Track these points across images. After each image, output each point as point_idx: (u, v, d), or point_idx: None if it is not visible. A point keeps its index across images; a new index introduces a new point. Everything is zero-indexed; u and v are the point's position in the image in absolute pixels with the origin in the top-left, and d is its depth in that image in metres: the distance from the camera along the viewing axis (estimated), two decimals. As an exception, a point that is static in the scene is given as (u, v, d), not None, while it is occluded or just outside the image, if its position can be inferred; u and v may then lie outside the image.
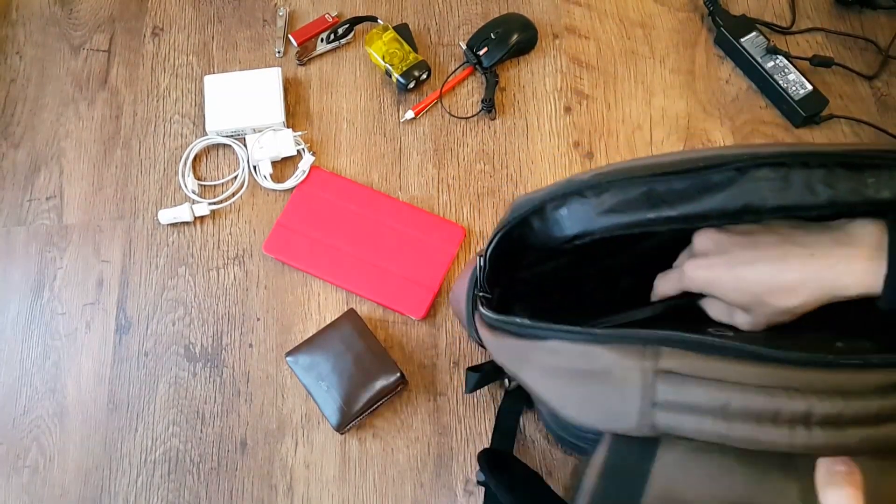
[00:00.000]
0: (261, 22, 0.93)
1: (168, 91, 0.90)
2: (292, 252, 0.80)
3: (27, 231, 0.84)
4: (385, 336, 0.78)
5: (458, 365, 0.77)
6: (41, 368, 0.78)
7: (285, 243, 0.80)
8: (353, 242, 0.80)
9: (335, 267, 0.79)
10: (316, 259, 0.79)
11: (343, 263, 0.79)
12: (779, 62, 0.86)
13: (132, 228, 0.84)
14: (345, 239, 0.80)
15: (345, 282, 0.79)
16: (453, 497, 0.72)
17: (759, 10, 0.92)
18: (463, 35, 0.92)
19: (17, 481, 0.74)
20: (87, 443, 0.75)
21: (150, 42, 0.93)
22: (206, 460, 0.74)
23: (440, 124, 0.87)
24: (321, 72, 0.90)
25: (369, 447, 0.74)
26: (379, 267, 0.79)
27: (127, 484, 0.74)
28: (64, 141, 0.88)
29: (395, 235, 0.80)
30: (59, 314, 0.80)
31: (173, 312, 0.80)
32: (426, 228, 0.80)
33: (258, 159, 0.84)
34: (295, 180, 0.83)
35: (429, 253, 0.79)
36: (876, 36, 0.90)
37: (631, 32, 0.91)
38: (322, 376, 0.72)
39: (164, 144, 0.87)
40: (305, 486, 0.73)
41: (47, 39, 0.93)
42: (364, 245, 0.80)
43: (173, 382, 0.77)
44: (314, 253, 0.80)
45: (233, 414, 0.76)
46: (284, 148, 0.84)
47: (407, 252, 0.79)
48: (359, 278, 0.79)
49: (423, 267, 0.78)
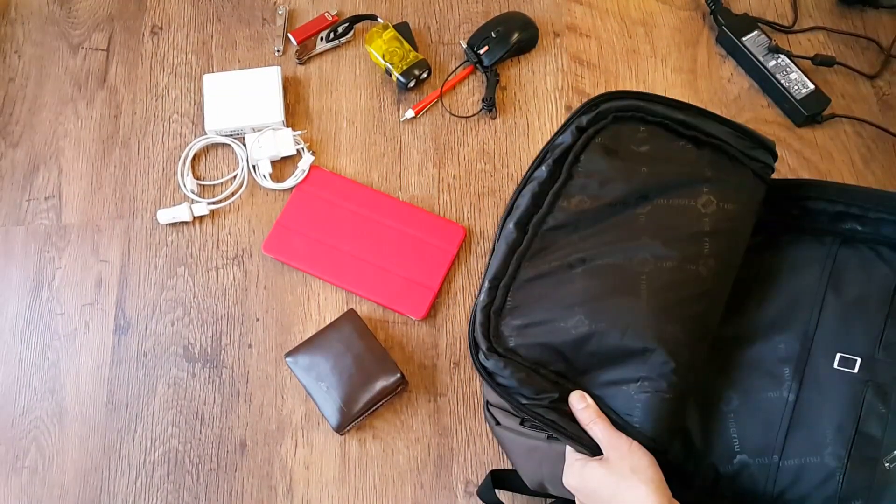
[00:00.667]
0: (260, 20, 0.93)
1: (167, 90, 0.90)
2: (292, 252, 0.79)
3: (26, 231, 0.84)
4: (385, 336, 0.78)
5: (459, 366, 0.76)
6: (40, 369, 0.78)
7: (285, 243, 0.80)
8: (353, 242, 0.79)
9: (335, 267, 0.79)
10: (316, 259, 0.79)
11: (343, 263, 0.79)
12: (781, 61, 0.85)
13: (131, 228, 0.83)
14: (345, 238, 0.80)
15: (345, 282, 0.78)
16: (453, 498, 0.72)
17: (761, 9, 0.92)
18: (463, 34, 0.91)
19: (16, 482, 0.74)
20: (86, 443, 0.75)
21: (148, 41, 0.93)
22: (205, 461, 0.74)
23: (441, 123, 0.87)
24: (321, 71, 0.90)
25: (369, 448, 0.74)
26: (379, 267, 0.78)
27: (126, 485, 0.73)
28: (63, 140, 0.88)
29: (395, 235, 0.79)
30: (57, 314, 0.80)
31: (172, 313, 0.79)
32: (426, 228, 0.80)
33: (257, 159, 0.83)
34: (294, 180, 0.83)
35: (429, 253, 0.79)
36: (878, 35, 0.89)
37: (632, 31, 0.91)
38: (322, 377, 0.71)
39: (163, 144, 0.87)
40: (305, 487, 0.73)
41: (46, 38, 0.93)
42: (364, 245, 0.79)
43: (172, 383, 0.77)
44: (314, 253, 0.79)
45: (232, 415, 0.75)
46: (284, 147, 0.84)
47: (407, 252, 0.79)
48: (359, 278, 0.78)
49: (424, 267, 0.78)
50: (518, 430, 0.61)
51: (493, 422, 0.65)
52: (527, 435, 0.61)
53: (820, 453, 0.54)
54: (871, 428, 0.53)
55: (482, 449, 0.73)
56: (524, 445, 0.62)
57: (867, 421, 0.53)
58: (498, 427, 0.64)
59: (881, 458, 0.52)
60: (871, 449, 0.53)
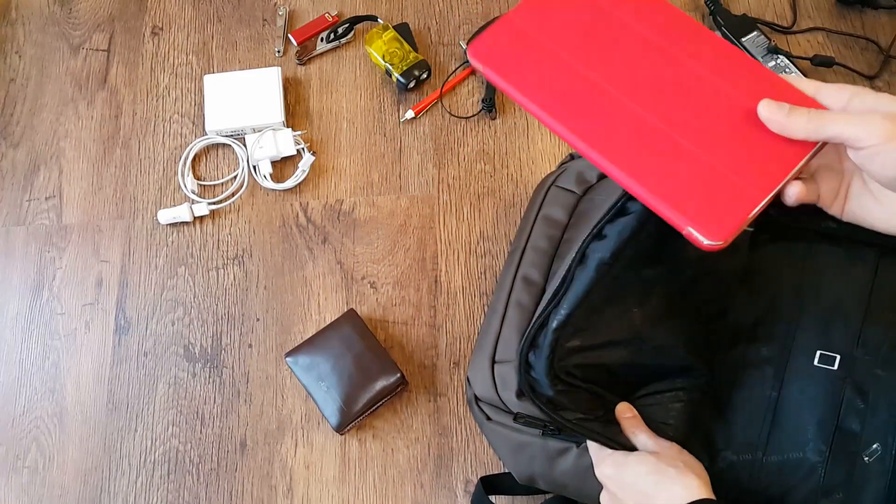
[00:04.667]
0: (260, 21, 0.93)
1: (167, 90, 0.90)
2: (519, 69, 0.45)
3: (26, 231, 0.84)
4: (385, 336, 0.78)
5: (459, 365, 0.76)
6: (40, 368, 0.78)
7: (510, 52, 0.45)
8: (634, 90, 0.44)
9: (591, 117, 0.43)
10: (559, 95, 0.44)
11: (606, 115, 0.43)
12: (780, 62, 0.85)
13: (131, 228, 0.83)
14: (620, 80, 0.44)
15: (603, 147, 0.43)
16: (453, 498, 0.72)
17: (760, 10, 0.92)
18: (463, 34, 0.91)
19: (17, 481, 0.74)
20: (87, 443, 0.75)
21: (149, 41, 0.93)
22: (205, 461, 0.74)
23: (440, 124, 0.87)
24: (321, 71, 0.90)
25: (369, 448, 0.74)
26: (672, 141, 0.43)
27: (126, 484, 0.74)
28: (63, 140, 0.88)
29: (712, 97, 0.44)
30: (58, 314, 0.80)
31: (173, 312, 0.79)
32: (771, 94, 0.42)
33: (258, 159, 0.84)
34: (294, 180, 0.83)
35: (764, 144, 0.42)
36: (877, 35, 0.89)
37: (632, 32, 0.91)
38: (322, 377, 0.72)
39: (163, 144, 0.87)
40: (305, 487, 0.73)
41: (47, 39, 0.93)
42: (653, 99, 0.44)
43: (173, 383, 0.77)
44: (559, 85, 0.44)
45: (232, 414, 0.76)
46: (284, 147, 0.84)
47: (727, 131, 0.43)
48: (631, 148, 0.43)
49: (749, 164, 0.42)
50: (510, 426, 0.62)
51: (484, 417, 0.65)
52: (520, 431, 0.61)
53: (802, 449, 0.55)
54: (850, 423, 0.54)
55: (482, 449, 0.73)
56: (516, 441, 0.62)
57: (847, 416, 0.54)
58: (489, 423, 0.64)
59: (860, 453, 0.53)
60: (850, 444, 0.54)
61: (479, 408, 0.65)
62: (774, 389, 0.57)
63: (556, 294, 0.53)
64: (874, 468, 0.53)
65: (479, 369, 0.64)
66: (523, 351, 0.54)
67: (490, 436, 0.66)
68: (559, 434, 0.60)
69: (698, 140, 0.43)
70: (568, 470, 0.62)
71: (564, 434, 0.60)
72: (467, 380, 0.67)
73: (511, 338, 0.64)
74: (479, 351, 0.66)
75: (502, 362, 0.63)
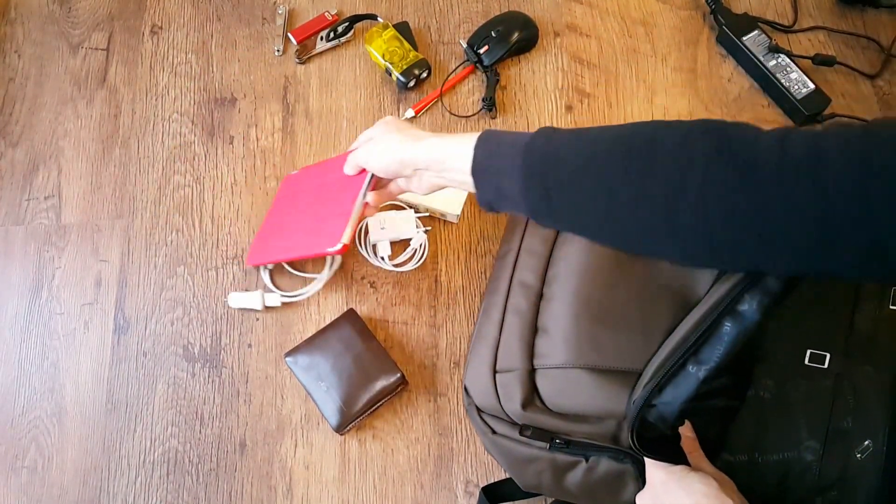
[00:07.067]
0: (260, 20, 0.93)
1: (167, 90, 0.89)
2: (262, 254, 0.76)
3: (25, 230, 0.84)
4: (385, 336, 0.77)
5: (459, 365, 0.76)
6: (39, 368, 0.78)
7: (256, 250, 0.78)
8: (286, 221, 0.76)
9: (284, 238, 0.75)
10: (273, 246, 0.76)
11: (281, 240, 0.75)
12: (781, 61, 0.85)
13: (131, 228, 0.83)
14: (283, 220, 0.77)
15: (279, 253, 0.74)
16: (453, 498, 0.72)
17: (761, 9, 0.91)
18: (463, 33, 0.91)
19: (16, 481, 0.74)
20: (86, 443, 0.75)
21: (148, 40, 0.92)
22: (204, 461, 0.74)
23: (441, 123, 0.87)
24: (321, 70, 0.90)
25: (369, 448, 0.74)
26: (301, 226, 0.73)
27: (126, 484, 0.73)
28: (62, 140, 0.88)
29: (312, 193, 0.75)
30: (57, 314, 0.80)
31: (172, 312, 0.79)
32: (333, 170, 0.73)
33: (378, 239, 0.80)
34: (413, 264, 0.79)
35: (343, 189, 0.69)
36: (878, 34, 0.89)
37: (632, 30, 0.91)
38: (321, 377, 0.71)
39: (162, 143, 0.87)
40: (305, 487, 0.73)
41: (46, 38, 0.93)
42: (293, 216, 0.75)
43: (172, 383, 0.77)
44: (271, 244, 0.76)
45: (232, 414, 0.75)
46: (405, 231, 0.80)
47: (321, 199, 0.72)
48: (286, 244, 0.73)
49: (338, 202, 0.69)
50: (517, 440, 0.62)
51: (489, 430, 0.65)
52: (528, 444, 0.61)
53: (797, 448, 0.55)
54: (842, 421, 0.55)
55: (482, 449, 0.73)
56: (523, 455, 0.62)
57: (838, 414, 0.55)
58: (494, 435, 0.64)
59: (853, 450, 0.54)
60: (843, 441, 0.54)
61: (482, 419, 0.65)
62: (768, 390, 0.57)
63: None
64: (867, 465, 0.53)
65: (478, 378, 0.64)
66: (635, 420, 0.55)
67: (493, 448, 0.66)
68: (567, 447, 0.60)
69: (321, 210, 0.71)
70: (577, 483, 0.62)
71: (573, 448, 0.60)
72: (465, 389, 0.67)
73: (512, 345, 0.63)
74: (476, 358, 0.65)
75: (504, 371, 0.63)
